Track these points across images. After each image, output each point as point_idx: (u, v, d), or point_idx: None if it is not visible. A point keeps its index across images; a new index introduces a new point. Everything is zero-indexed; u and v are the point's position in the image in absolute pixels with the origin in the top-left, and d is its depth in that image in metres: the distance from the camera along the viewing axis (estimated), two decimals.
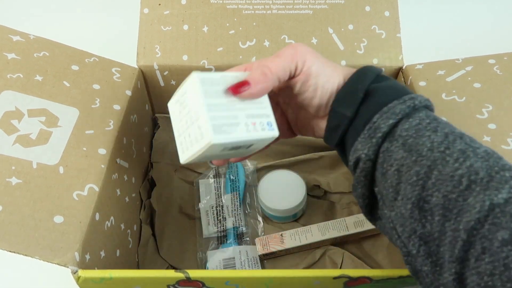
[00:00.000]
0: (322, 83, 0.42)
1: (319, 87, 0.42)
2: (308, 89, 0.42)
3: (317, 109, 0.43)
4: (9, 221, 0.41)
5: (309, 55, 0.42)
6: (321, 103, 0.43)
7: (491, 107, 0.53)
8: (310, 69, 0.41)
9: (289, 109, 0.48)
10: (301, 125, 0.48)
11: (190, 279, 0.41)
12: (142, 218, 0.63)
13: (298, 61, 0.41)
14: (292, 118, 0.48)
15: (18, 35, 0.55)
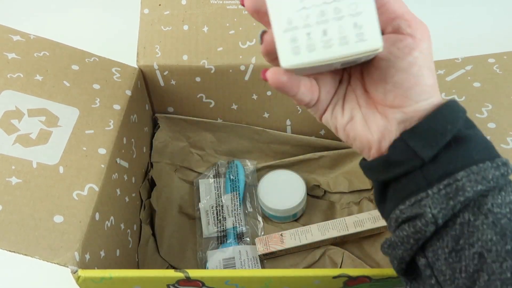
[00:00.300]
0: (424, 72, 0.33)
1: (420, 72, 0.33)
2: (404, 59, 0.33)
3: (394, 96, 0.34)
4: (9, 220, 0.42)
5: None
6: (406, 89, 0.34)
7: (491, 106, 0.53)
8: (421, 42, 0.33)
9: (355, 78, 0.38)
10: (349, 106, 0.38)
11: (190, 278, 0.42)
12: (142, 218, 0.63)
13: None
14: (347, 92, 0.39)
15: (18, 35, 0.55)
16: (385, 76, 0.34)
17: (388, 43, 0.33)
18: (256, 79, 0.63)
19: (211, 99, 0.67)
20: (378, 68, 0.34)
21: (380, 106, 0.36)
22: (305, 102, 0.37)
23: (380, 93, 0.35)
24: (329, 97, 0.38)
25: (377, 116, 0.36)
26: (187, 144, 0.71)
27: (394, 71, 0.33)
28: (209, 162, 0.72)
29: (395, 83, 0.34)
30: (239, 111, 0.69)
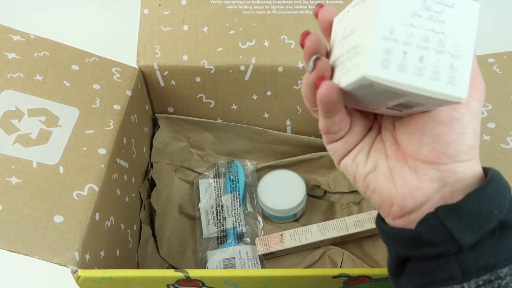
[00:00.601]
0: (467, 131, 0.31)
1: (463, 129, 0.30)
2: (448, 113, 0.30)
3: (429, 150, 0.31)
4: (9, 220, 0.42)
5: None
6: (445, 145, 0.31)
7: (491, 106, 0.53)
8: (471, 100, 0.31)
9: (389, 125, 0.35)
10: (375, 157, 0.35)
11: (189, 278, 0.42)
12: (142, 218, 0.63)
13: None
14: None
15: (18, 35, 0.55)
16: (423, 128, 0.31)
17: None
18: (256, 79, 0.63)
19: (211, 99, 0.67)
20: (416, 118, 0.32)
21: (411, 159, 0.32)
22: (332, 131, 0.34)
23: (415, 145, 0.32)
24: (355, 140, 0.35)
25: (405, 169, 0.33)
26: (187, 144, 0.71)
27: (434, 123, 0.31)
28: (209, 162, 0.72)
29: (433, 136, 0.31)
30: (239, 111, 0.69)
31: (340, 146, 0.35)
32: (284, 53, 0.62)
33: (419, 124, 0.32)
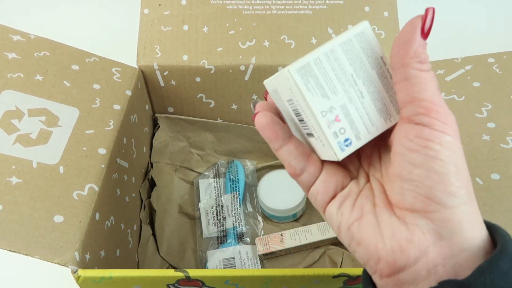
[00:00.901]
0: (450, 169, 0.27)
1: (444, 168, 0.27)
2: (421, 153, 0.28)
3: (413, 197, 0.28)
4: (9, 220, 0.42)
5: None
6: (428, 189, 0.28)
7: (491, 106, 0.53)
8: (442, 135, 0.28)
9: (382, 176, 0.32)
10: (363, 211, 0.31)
11: (190, 278, 0.42)
12: (142, 218, 0.63)
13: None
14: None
15: (18, 35, 0.55)
16: (401, 173, 0.29)
17: (401, 135, 0.29)
18: (256, 79, 0.63)
19: (211, 99, 0.67)
20: (394, 163, 0.29)
21: (398, 209, 0.29)
22: (297, 167, 0.32)
23: (398, 193, 0.29)
24: (335, 183, 0.33)
25: (394, 219, 0.29)
26: (187, 144, 0.71)
27: (411, 166, 0.28)
28: (209, 162, 0.72)
29: (413, 181, 0.28)
30: (239, 111, 0.69)
31: (319, 188, 0.33)
32: (284, 53, 0.62)
33: (396, 169, 0.29)
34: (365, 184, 0.33)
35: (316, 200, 0.33)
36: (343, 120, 0.30)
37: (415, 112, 0.28)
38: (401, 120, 0.29)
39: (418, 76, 0.28)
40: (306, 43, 0.62)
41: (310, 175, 0.33)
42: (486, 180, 0.47)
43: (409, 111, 0.28)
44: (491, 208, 0.45)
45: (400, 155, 0.29)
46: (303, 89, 0.29)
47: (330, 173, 0.33)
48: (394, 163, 0.29)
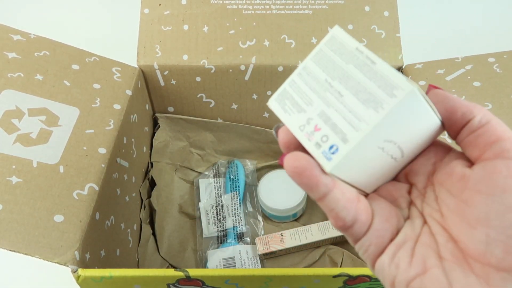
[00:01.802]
0: None
1: None
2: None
3: (505, 250, 0.22)
4: (10, 220, 0.42)
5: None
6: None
7: (491, 105, 0.53)
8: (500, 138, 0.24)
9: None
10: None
11: (190, 277, 0.42)
12: (142, 217, 0.63)
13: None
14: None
15: (18, 34, 0.55)
16: (487, 216, 0.23)
17: (489, 171, 0.24)
18: (256, 79, 0.63)
19: (211, 99, 0.67)
20: (474, 202, 0.24)
21: (479, 264, 0.23)
22: (347, 219, 0.26)
23: (479, 242, 0.23)
24: (390, 230, 0.27)
25: (471, 278, 0.23)
26: (187, 144, 0.71)
27: (504, 209, 0.22)
28: (209, 162, 0.72)
29: (504, 228, 0.22)
30: (239, 111, 0.69)
31: (372, 239, 0.26)
32: (284, 52, 0.62)
33: (480, 211, 0.23)
34: (422, 227, 0.27)
35: (367, 253, 0.27)
36: (324, 127, 0.26)
37: (507, 148, 0.24)
38: (486, 162, 0.25)
39: (496, 119, 0.25)
40: (306, 43, 0.62)
41: (362, 224, 0.26)
42: None
43: (498, 149, 0.24)
44: None
45: (487, 195, 0.23)
46: (280, 113, 0.28)
47: (384, 218, 0.27)
48: (477, 204, 0.24)
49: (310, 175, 0.25)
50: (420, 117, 0.26)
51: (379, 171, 0.28)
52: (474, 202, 0.24)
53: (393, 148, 0.27)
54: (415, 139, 0.27)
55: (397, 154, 0.27)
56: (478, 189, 0.24)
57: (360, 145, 0.26)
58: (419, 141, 0.28)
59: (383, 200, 0.28)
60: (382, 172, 0.28)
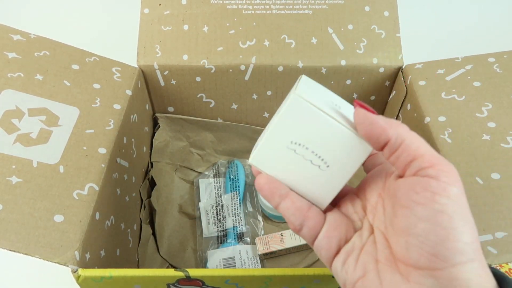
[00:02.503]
0: (457, 225, 0.27)
1: (451, 223, 0.27)
2: (427, 206, 0.28)
3: (419, 253, 0.28)
4: (10, 220, 0.42)
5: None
6: (434, 245, 0.27)
7: (491, 105, 0.53)
8: (448, 186, 0.28)
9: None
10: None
11: (190, 277, 0.42)
12: (142, 217, 0.63)
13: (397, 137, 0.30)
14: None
15: (18, 34, 0.55)
16: (406, 226, 0.28)
17: (407, 187, 0.29)
18: (256, 79, 0.63)
19: (211, 99, 0.67)
20: (399, 216, 0.29)
21: (403, 265, 0.28)
22: (296, 222, 0.33)
23: (402, 248, 0.28)
24: (338, 237, 0.33)
25: (396, 277, 0.28)
26: (187, 144, 0.71)
27: (416, 220, 0.27)
28: (209, 161, 0.72)
29: (419, 236, 0.27)
30: (239, 111, 0.69)
31: (322, 244, 0.33)
32: (284, 52, 0.62)
33: (402, 223, 0.28)
34: (369, 237, 0.32)
35: (321, 256, 0.33)
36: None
37: (421, 167, 0.28)
38: (407, 178, 0.29)
39: (409, 137, 0.29)
40: (306, 43, 0.62)
41: (310, 229, 0.33)
42: (486, 180, 0.47)
43: (414, 168, 0.28)
44: (491, 208, 0.45)
45: (406, 208, 0.28)
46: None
47: (332, 227, 0.33)
48: (400, 216, 0.28)
49: (268, 187, 0.33)
50: (317, 122, 0.32)
51: (307, 176, 0.34)
52: (398, 214, 0.29)
53: (308, 153, 0.33)
54: (332, 149, 0.33)
55: (317, 161, 0.33)
56: (400, 203, 0.29)
57: (269, 141, 0.33)
58: (339, 152, 0.33)
59: (339, 213, 0.34)
60: (311, 179, 0.34)
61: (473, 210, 0.44)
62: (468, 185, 0.47)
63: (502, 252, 0.42)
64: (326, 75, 0.63)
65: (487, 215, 0.45)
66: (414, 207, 0.28)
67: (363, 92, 0.66)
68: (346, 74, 0.63)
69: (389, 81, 0.65)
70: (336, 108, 0.33)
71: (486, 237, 0.43)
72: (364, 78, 0.64)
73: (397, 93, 0.63)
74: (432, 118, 0.53)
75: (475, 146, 0.50)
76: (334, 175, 0.34)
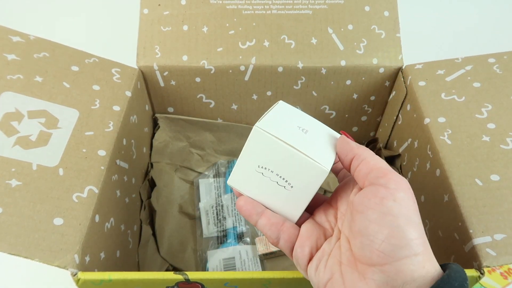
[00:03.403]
0: (401, 223, 0.31)
1: (395, 222, 0.31)
2: (376, 209, 0.32)
3: (370, 251, 0.32)
4: (9, 223, 0.42)
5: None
6: (381, 242, 0.31)
7: (491, 106, 0.53)
8: (395, 191, 0.32)
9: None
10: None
11: (189, 281, 0.42)
12: (142, 218, 0.63)
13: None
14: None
15: (18, 36, 0.55)
16: (360, 229, 0.32)
17: (362, 195, 0.33)
18: (256, 79, 0.63)
19: (211, 99, 0.67)
20: (355, 220, 0.33)
21: (360, 263, 0.32)
22: (273, 237, 0.38)
23: (359, 248, 0.32)
24: (310, 246, 0.37)
25: (355, 275, 0.33)
26: (187, 144, 0.71)
27: (367, 222, 0.32)
28: (209, 162, 0.72)
29: (369, 236, 0.31)
30: (239, 111, 0.69)
31: (298, 254, 0.37)
32: (284, 53, 0.62)
33: (357, 226, 0.32)
34: (336, 242, 0.36)
35: (298, 265, 0.38)
36: None
37: (375, 177, 0.33)
38: (363, 186, 0.34)
39: (371, 156, 0.35)
40: (306, 43, 0.62)
41: (285, 241, 0.38)
42: (486, 181, 0.47)
43: (370, 178, 0.33)
44: (491, 210, 0.45)
45: (360, 213, 0.32)
46: None
47: (305, 237, 0.37)
48: (356, 221, 0.33)
49: (246, 208, 0.38)
50: (276, 150, 0.36)
51: (276, 196, 0.38)
52: (355, 219, 0.33)
53: (273, 176, 0.37)
54: (293, 172, 0.37)
55: (282, 183, 0.37)
56: (357, 209, 0.33)
57: (240, 165, 0.38)
58: (299, 174, 0.36)
59: (312, 223, 0.38)
60: (280, 198, 0.38)
61: (472, 212, 0.45)
62: (468, 186, 0.47)
63: (501, 254, 0.42)
64: (326, 75, 0.63)
65: (486, 217, 0.45)
66: (366, 211, 0.32)
67: (363, 92, 0.66)
68: (346, 74, 0.63)
69: (389, 81, 0.64)
70: (302, 133, 0.37)
71: (485, 239, 0.43)
72: (364, 78, 0.64)
73: (397, 93, 0.63)
74: (432, 119, 0.53)
75: (474, 147, 0.50)
76: (298, 194, 0.38)
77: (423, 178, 0.54)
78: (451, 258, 0.47)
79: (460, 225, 0.45)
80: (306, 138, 0.37)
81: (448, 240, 0.48)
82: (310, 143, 0.37)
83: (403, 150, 0.62)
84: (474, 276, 0.41)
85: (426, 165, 0.53)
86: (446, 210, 0.48)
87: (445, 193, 0.48)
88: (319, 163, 0.36)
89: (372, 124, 0.72)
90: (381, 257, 0.30)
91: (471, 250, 0.43)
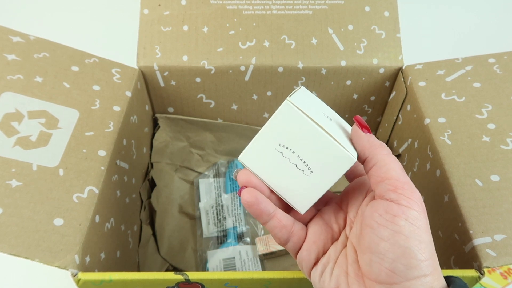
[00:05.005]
0: (412, 244, 0.30)
1: (407, 243, 0.30)
2: (387, 227, 0.31)
3: (379, 269, 0.31)
4: (9, 223, 0.42)
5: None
6: (392, 262, 0.30)
7: (491, 107, 0.53)
8: (407, 210, 0.31)
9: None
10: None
11: (189, 281, 0.42)
12: (143, 218, 0.63)
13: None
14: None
15: (18, 36, 0.55)
16: (369, 245, 0.31)
17: (372, 209, 0.32)
18: (256, 79, 0.63)
19: (211, 100, 0.67)
20: (364, 235, 0.32)
21: (367, 279, 0.32)
22: (282, 238, 0.37)
23: (367, 264, 0.32)
24: (316, 250, 0.36)
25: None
26: (187, 144, 0.71)
27: (378, 240, 0.31)
28: (209, 162, 0.72)
29: (380, 254, 0.30)
30: (239, 111, 0.69)
31: (303, 256, 0.36)
32: (284, 53, 0.62)
33: (366, 242, 0.32)
34: (342, 249, 0.36)
35: (302, 267, 0.37)
36: None
37: (385, 189, 0.32)
38: (373, 201, 0.33)
39: (383, 160, 0.33)
40: (306, 43, 0.62)
41: (294, 244, 0.37)
42: (486, 182, 0.47)
43: (380, 190, 0.32)
44: (491, 210, 0.45)
45: (370, 228, 0.31)
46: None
47: (312, 240, 0.36)
48: (365, 235, 0.32)
49: (257, 208, 0.35)
50: (304, 129, 0.34)
51: (290, 180, 0.36)
52: (364, 233, 0.32)
53: (294, 157, 0.35)
54: (316, 156, 0.34)
55: (302, 166, 0.35)
56: (366, 223, 0.32)
57: (258, 142, 0.36)
58: (323, 159, 0.34)
59: (320, 223, 0.37)
60: (294, 183, 0.36)
61: (472, 212, 0.45)
62: (467, 187, 0.47)
63: (501, 254, 0.42)
64: (326, 75, 0.63)
65: (486, 217, 0.45)
66: (377, 227, 0.31)
67: (363, 93, 0.66)
68: (346, 74, 0.63)
69: (389, 81, 0.64)
70: (327, 119, 0.35)
71: (485, 240, 0.43)
72: (364, 78, 0.64)
73: (397, 93, 0.63)
74: (432, 119, 0.53)
75: (474, 147, 0.50)
76: (316, 181, 0.35)
77: (423, 178, 0.54)
78: (451, 259, 0.47)
79: (460, 226, 0.45)
80: (332, 125, 0.35)
81: (448, 240, 0.48)
82: (336, 130, 0.35)
83: (403, 150, 0.62)
84: (474, 276, 0.41)
85: (426, 166, 0.53)
86: (446, 210, 0.48)
87: (445, 194, 0.48)
88: (348, 150, 0.34)
89: (372, 124, 0.72)
90: (390, 276, 0.30)
91: (471, 250, 0.43)
